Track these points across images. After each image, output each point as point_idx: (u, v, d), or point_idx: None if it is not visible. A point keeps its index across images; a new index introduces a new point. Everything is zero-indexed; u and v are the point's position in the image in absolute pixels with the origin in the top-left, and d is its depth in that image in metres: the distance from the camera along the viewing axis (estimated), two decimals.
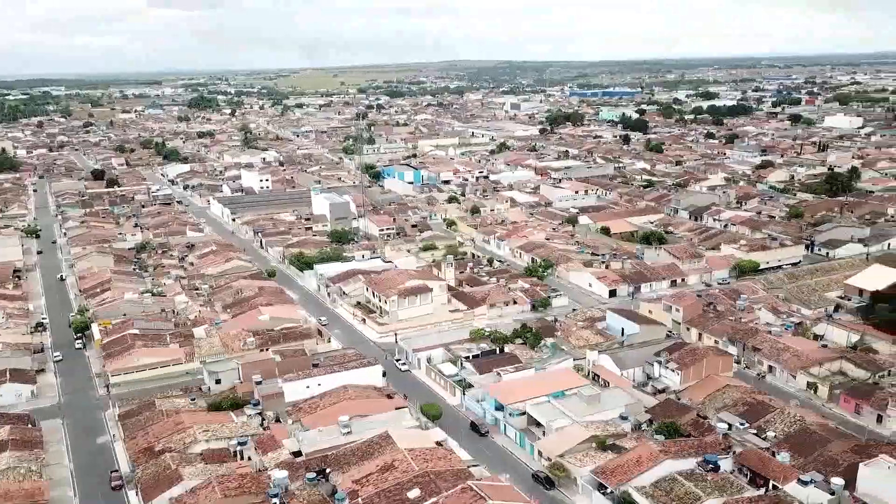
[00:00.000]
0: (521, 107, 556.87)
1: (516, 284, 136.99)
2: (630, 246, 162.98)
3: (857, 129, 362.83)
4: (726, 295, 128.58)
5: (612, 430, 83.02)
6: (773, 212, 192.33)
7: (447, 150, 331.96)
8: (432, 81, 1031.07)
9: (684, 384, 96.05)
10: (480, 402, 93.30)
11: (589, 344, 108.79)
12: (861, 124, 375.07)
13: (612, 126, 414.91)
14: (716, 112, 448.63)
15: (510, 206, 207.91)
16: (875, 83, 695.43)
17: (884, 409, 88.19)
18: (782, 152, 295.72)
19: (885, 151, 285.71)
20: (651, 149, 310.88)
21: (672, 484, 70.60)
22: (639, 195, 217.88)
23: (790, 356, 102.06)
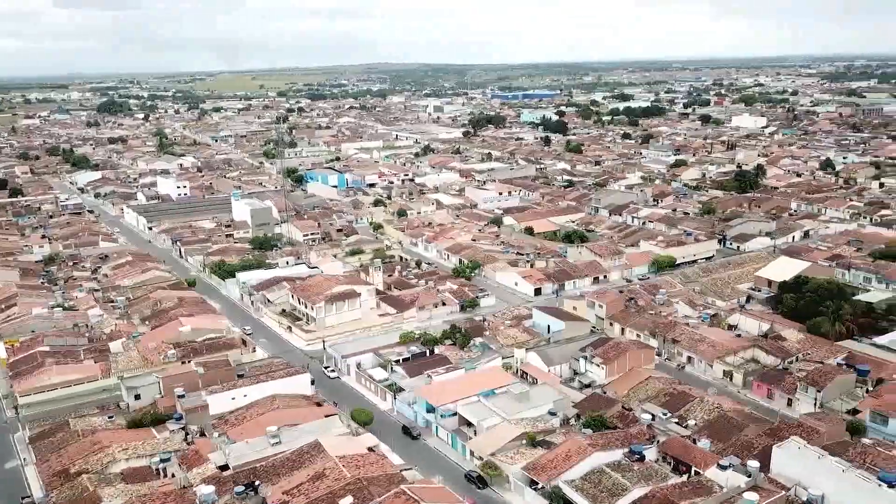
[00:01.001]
0: (443, 109, 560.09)
1: (445, 286, 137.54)
2: (553, 245, 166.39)
3: (761, 128, 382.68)
4: (646, 290, 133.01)
5: (542, 426, 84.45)
6: (687, 209, 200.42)
7: (371, 153, 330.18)
8: (354, 84, 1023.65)
9: (609, 378, 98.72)
10: (412, 406, 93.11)
11: (517, 342, 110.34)
12: (765, 124, 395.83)
13: (533, 128, 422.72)
14: (631, 113, 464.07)
15: (436, 208, 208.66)
16: (776, 85, 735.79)
17: (793, 393, 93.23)
18: (694, 151, 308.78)
19: (786, 149, 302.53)
20: (571, 150, 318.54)
21: (601, 476, 72.40)
22: (560, 195, 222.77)
23: (707, 347, 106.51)
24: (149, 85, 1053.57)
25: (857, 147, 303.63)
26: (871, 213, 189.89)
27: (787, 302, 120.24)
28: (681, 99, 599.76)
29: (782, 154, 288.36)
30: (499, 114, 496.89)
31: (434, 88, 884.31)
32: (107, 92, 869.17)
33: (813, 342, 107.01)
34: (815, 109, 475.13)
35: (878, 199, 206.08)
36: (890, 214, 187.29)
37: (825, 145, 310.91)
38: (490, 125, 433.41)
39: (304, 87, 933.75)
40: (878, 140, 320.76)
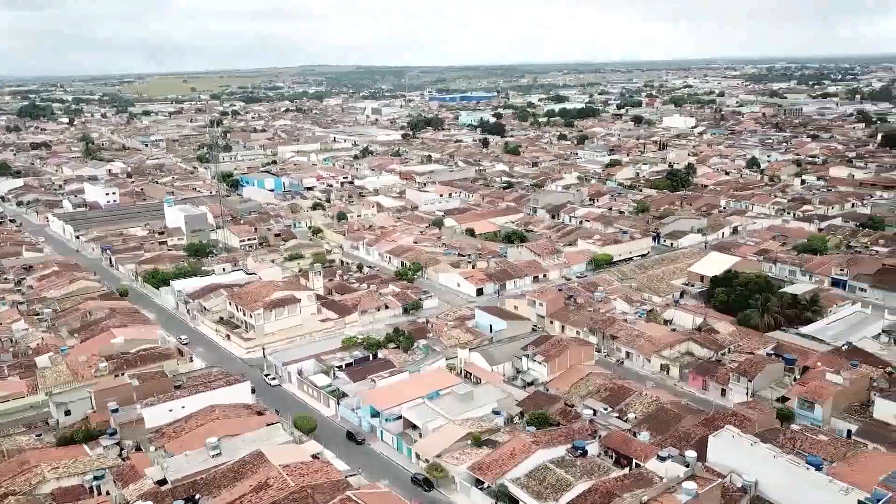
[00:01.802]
0: (382, 112, 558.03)
1: (387, 289, 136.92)
2: (494, 245, 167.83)
3: (691, 128, 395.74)
4: (584, 287, 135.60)
5: (487, 426, 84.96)
6: (622, 207, 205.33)
7: (309, 156, 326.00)
8: (290, 87, 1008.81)
9: (551, 375, 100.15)
10: (356, 411, 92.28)
11: (460, 343, 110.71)
12: (694, 124, 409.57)
13: (471, 130, 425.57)
14: (566, 115, 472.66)
15: (377, 210, 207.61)
16: (704, 86, 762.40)
17: (726, 384, 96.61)
18: (628, 151, 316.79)
19: (715, 149, 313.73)
20: (509, 151, 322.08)
21: (545, 472, 73.36)
22: (499, 196, 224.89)
23: (644, 341, 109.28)
24: (73, 88, 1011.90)
25: (779, 146, 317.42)
26: (794, 208, 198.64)
27: (719, 296, 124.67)
28: (614, 100, 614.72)
29: (711, 153, 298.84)
30: (437, 116, 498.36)
31: (372, 91, 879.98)
32: (27, 95, 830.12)
33: (744, 334, 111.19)
34: (740, 110, 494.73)
35: (800, 195, 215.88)
36: (811, 210, 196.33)
37: (750, 144, 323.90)
38: (429, 127, 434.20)
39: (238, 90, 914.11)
40: (798, 139, 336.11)
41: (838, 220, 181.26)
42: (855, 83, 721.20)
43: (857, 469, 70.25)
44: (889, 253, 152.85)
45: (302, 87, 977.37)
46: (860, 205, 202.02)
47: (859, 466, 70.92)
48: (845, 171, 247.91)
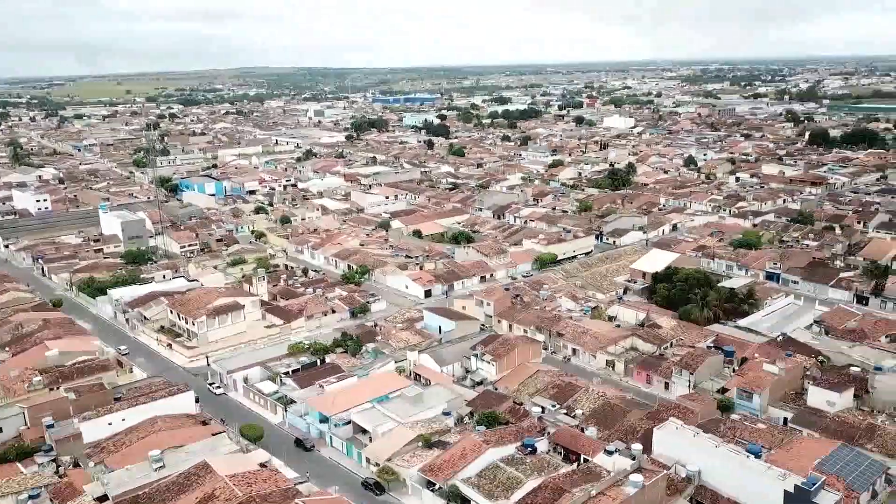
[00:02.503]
0: (324, 113, 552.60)
1: (334, 293, 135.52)
2: (441, 246, 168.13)
3: (630, 128, 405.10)
4: (531, 286, 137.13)
5: (437, 427, 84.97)
6: (565, 207, 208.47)
7: (250, 159, 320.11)
8: (229, 89, 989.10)
9: (500, 374, 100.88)
10: (304, 417, 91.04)
11: (409, 345, 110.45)
12: (633, 124, 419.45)
13: (416, 131, 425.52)
14: (510, 116, 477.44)
15: (321, 213, 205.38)
16: (642, 87, 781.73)
17: (669, 377, 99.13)
18: (570, 151, 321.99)
19: (654, 148, 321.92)
20: (454, 153, 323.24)
21: (495, 471, 73.82)
22: (445, 197, 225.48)
23: (590, 338, 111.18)
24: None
25: (714, 145, 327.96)
26: (729, 205, 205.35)
27: (660, 291, 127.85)
28: (556, 101, 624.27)
29: (650, 153, 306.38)
30: (381, 117, 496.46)
31: (314, 92, 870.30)
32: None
33: (685, 328, 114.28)
34: (677, 110, 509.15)
35: (735, 192, 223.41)
36: (746, 206, 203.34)
37: (687, 144, 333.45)
38: (373, 129, 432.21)
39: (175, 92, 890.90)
40: (732, 138, 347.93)
41: (771, 216, 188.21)
42: (783, 84, 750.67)
43: (794, 455, 73.06)
44: (818, 246, 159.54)
45: (242, 89, 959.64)
46: (791, 201, 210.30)
47: (795, 452, 73.78)
48: (776, 168, 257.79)
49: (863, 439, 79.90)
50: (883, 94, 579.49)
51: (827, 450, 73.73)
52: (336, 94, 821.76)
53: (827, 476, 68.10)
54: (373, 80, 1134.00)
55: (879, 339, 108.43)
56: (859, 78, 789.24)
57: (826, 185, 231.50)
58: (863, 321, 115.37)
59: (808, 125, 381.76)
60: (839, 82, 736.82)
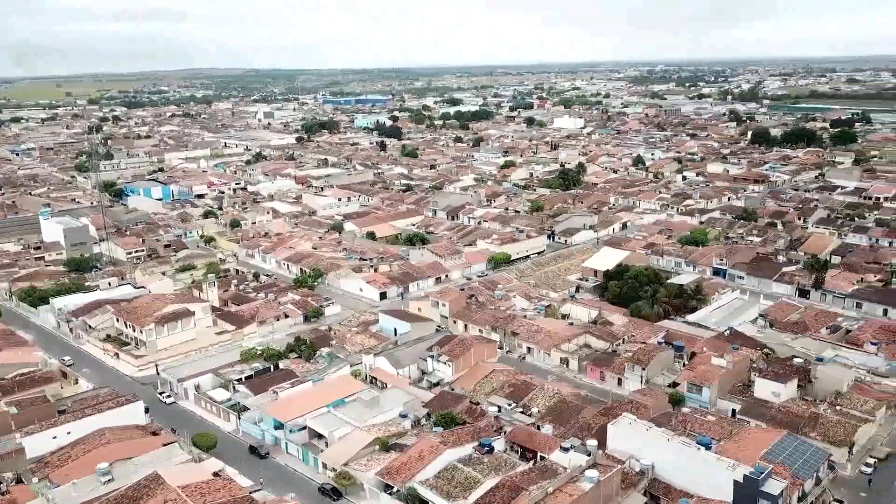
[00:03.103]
0: (274, 115, 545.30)
1: (286, 297, 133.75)
2: (395, 248, 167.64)
3: (580, 129, 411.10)
4: (485, 286, 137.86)
5: (394, 430, 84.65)
6: (518, 207, 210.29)
7: (198, 162, 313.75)
8: (175, 91, 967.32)
9: (456, 374, 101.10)
10: (258, 424, 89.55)
11: (364, 348, 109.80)
12: (583, 125, 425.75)
13: (368, 133, 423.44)
14: (461, 117, 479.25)
15: (273, 217, 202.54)
16: (590, 88, 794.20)
17: (622, 373, 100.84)
18: (521, 152, 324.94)
19: (603, 148, 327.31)
20: (407, 154, 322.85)
21: (453, 472, 73.91)
22: (399, 199, 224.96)
23: (544, 336, 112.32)
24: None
25: (662, 144, 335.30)
26: (677, 203, 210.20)
27: (612, 289, 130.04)
28: (506, 102, 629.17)
29: (599, 153, 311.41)
30: (332, 119, 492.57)
31: (263, 94, 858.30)
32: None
33: (636, 324, 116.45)
34: (625, 111, 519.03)
35: (682, 190, 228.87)
36: (693, 204, 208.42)
37: (635, 143, 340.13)
38: (324, 130, 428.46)
39: (118, 95, 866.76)
40: (678, 138, 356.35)
41: (717, 213, 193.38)
42: (726, 85, 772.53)
43: (742, 445, 75.19)
44: (762, 242, 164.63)
45: (189, 91, 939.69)
46: (735, 198, 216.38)
47: (744, 443, 75.93)
48: (721, 167, 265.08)
49: (806, 428, 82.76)
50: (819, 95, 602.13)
51: (773, 439, 76.09)
52: (286, 96, 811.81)
53: (774, 465, 70.27)
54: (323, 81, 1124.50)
55: (820, 331, 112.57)
56: (797, 79, 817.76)
57: (768, 183, 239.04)
58: (804, 314, 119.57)
59: (750, 125, 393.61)
60: (778, 83, 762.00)
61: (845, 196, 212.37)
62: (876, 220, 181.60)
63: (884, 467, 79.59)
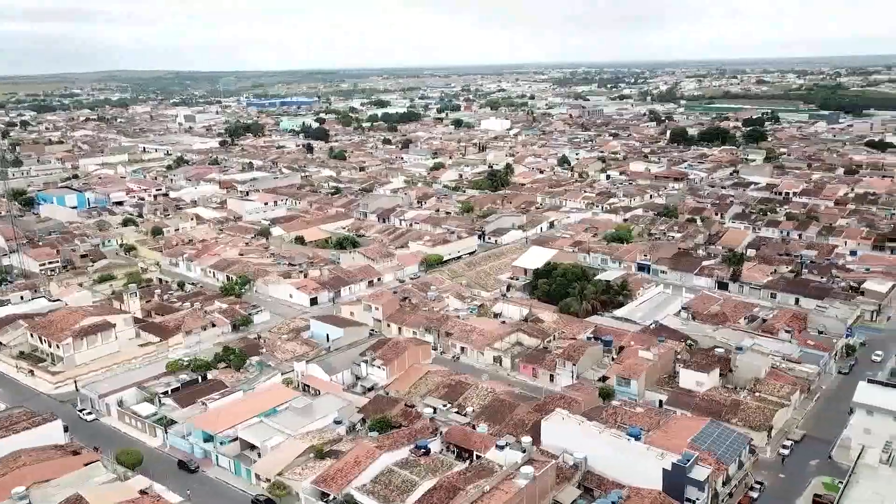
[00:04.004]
0: (196, 119, 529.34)
1: (213, 306, 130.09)
2: (325, 252, 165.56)
3: (507, 130, 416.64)
4: (418, 288, 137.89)
5: (329, 437, 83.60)
6: (448, 208, 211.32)
7: (116, 168, 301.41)
8: (89, 94, 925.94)
9: (390, 378, 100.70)
10: (187, 438, 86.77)
11: (296, 355, 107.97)
12: (509, 126, 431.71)
13: (294, 136, 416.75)
14: (389, 119, 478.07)
15: (196, 223, 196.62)
16: (516, 90, 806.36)
17: (553, 369, 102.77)
18: (450, 154, 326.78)
19: (529, 149, 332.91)
20: (335, 156, 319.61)
21: (390, 476, 73.57)
22: (328, 202, 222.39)
23: (477, 336, 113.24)
24: None
25: (586, 144, 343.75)
26: (601, 202, 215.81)
27: (541, 287, 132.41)
28: (434, 104, 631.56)
29: (526, 153, 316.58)
30: (257, 122, 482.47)
31: (184, 97, 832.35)
32: None
33: (566, 321, 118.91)
34: (550, 112, 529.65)
35: (606, 189, 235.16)
36: (616, 202, 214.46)
37: (560, 144, 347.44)
38: (249, 133, 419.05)
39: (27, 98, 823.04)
40: (602, 137, 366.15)
41: (639, 211, 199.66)
42: (645, 86, 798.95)
43: (670, 434, 77.84)
44: (682, 238, 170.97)
45: (104, 94, 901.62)
46: (657, 196, 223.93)
47: (671, 432, 78.63)
48: (643, 165, 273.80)
49: (729, 415, 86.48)
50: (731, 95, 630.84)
51: (698, 427, 79.14)
52: (208, 99, 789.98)
53: (699, 451, 73.03)
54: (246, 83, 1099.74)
55: (738, 321, 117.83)
56: (711, 80, 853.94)
57: (687, 181, 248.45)
58: (724, 305, 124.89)
59: (668, 124, 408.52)
60: (694, 84, 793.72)
61: (758, 192, 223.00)
62: (786, 215, 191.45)
63: (799, 448, 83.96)
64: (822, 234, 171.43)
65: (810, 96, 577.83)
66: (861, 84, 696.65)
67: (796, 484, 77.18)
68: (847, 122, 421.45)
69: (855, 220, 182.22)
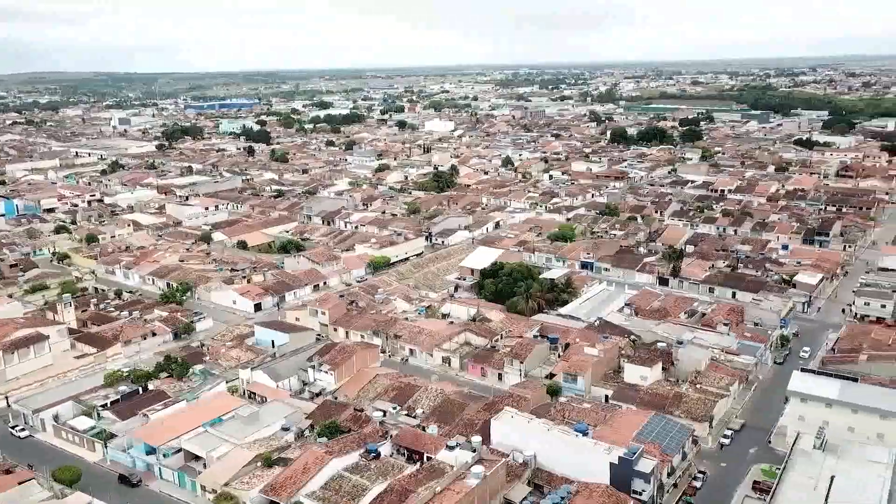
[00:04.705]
0: (131, 122, 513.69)
1: (153, 314, 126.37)
2: (269, 257, 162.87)
3: (451, 131, 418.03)
4: (365, 291, 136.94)
5: (277, 444, 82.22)
6: (394, 210, 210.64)
7: (46, 173, 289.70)
8: (16, 96, 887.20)
9: (339, 382, 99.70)
10: (128, 451, 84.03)
11: (241, 362, 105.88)
12: (453, 127, 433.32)
13: (234, 138, 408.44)
14: (332, 121, 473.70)
15: (134, 229, 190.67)
16: (459, 91, 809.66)
17: (501, 368, 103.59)
18: (395, 155, 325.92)
19: (473, 150, 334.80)
20: (277, 159, 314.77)
21: (340, 481, 72.84)
22: (271, 206, 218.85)
23: (425, 337, 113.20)
24: None
25: (529, 145, 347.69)
26: (545, 201, 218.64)
27: (488, 287, 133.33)
28: (377, 106, 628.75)
29: (470, 154, 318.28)
30: (195, 124, 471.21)
31: (117, 99, 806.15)
32: None
33: (513, 320, 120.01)
34: (493, 113, 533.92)
35: (550, 189, 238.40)
36: (560, 202, 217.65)
37: (504, 145, 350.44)
38: (187, 137, 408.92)
39: None
40: (544, 138, 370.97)
41: (582, 210, 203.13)
42: (585, 87, 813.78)
43: (616, 429, 79.42)
44: (624, 236, 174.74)
45: (32, 97, 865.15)
46: (598, 195, 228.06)
47: (617, 426, 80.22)
48: (584, 165, 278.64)
49: (672, 407, 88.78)
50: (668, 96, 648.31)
51: (643, 420, 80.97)
52: (143, 101, 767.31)
53: (645, 444, 74.74)
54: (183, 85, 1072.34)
55: (679, 316, 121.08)
56: (648, 81, 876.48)
57: (627, 180, 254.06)
58: (665, 301, 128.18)
59: (608, 125, 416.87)
60: (632, 85, 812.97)
61: (695, 190, 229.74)
62: (722, 211, 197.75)
63: (739, 437, 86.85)
64: (756, 230, 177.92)
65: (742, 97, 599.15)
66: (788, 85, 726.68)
67: (737, 472, 79.82)
68: (777, 121, 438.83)
69: (786, 215, 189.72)
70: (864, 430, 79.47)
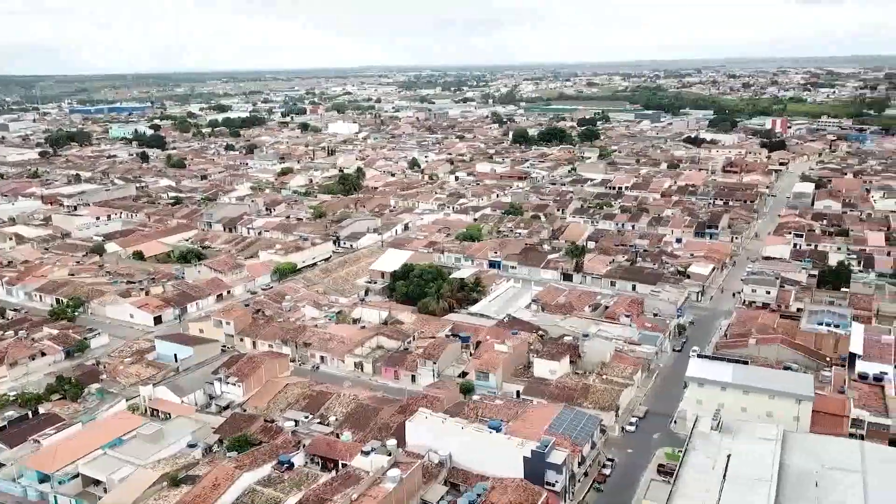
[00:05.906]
0: (9, 128, 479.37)
1: (41, 332, 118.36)
2: (168, 267, 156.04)
3: (355, 133, 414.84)
4: (272, 299, 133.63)
5: (183, 462, 78.94)
6: (300, 214, 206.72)
7: None
8: None
9: (247, 394, 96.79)
10: (18, 480, 78.32)
11: (141, 379, 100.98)
12: (358, 129, 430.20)
13: (126, 144, 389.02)
14: (231, 124, 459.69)
15: (16, 243, 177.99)
16: (362, 93, 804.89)
17: (415, 370, 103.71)
18: (298, 158, 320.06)
19: (379, 152, 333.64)
20: (173, 164, 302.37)
21: (253, 495, 70.84)
22: (168, 213, 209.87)
23: (336, 343, 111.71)
24: None
25: (434, 147, 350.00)
26: (452, 202, 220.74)
27: (399, 289, 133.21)
28: (278, 108, 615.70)
29: (376, 157, 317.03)
30: (82, 130, 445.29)
31: None
32: None
33: (424, 321, 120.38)
34: (397, 115, 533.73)
35: (456, 190, 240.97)
36: (466, 202, 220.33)
37: (409, 146, 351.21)
38: (73, 143, 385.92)
39: None
40: (448, 140, 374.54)
41: (488, 210, 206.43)
42: (487, 89, 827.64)
43: (528, 423, 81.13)
44: (528, 234, 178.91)
45: None
46: (503, 195, 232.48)
47: (529, 420, 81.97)
48: (489, 166, 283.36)
49: (580, 399, 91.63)
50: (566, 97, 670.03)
51: (553, 413, 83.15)
52: (23, 105, 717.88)
53: (556, 437, 76.74)
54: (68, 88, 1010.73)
55: (584, 310, 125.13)
56: (547, 83, 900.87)
57: (530, 179, 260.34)
58: (569, 295, 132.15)
59: (510, 126, 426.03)
60: (532, 87, 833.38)
61: (594, 188, 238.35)
62: (620, 208, 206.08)
63: (644, 424, 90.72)
64: (652, 225, 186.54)
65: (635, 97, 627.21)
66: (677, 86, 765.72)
67: (643, 457, 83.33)
68: (667, 120, 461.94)
69: (679, 210, 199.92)
70: (755, 410, 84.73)
